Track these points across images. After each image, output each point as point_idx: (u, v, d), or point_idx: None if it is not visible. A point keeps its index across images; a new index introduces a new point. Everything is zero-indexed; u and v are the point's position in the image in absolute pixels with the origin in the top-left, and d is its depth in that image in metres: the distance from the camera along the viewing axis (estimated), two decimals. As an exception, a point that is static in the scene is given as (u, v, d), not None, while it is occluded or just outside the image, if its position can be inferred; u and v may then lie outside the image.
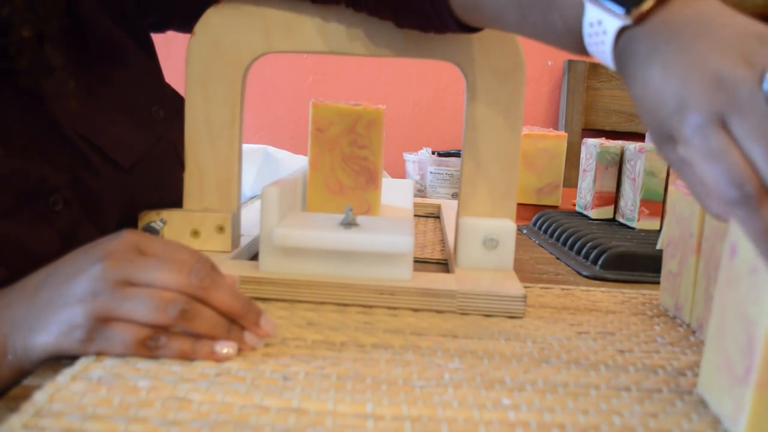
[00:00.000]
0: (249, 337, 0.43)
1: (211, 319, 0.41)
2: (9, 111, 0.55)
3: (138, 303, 0.40)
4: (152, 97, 0.67)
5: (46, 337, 0.40)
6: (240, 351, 0.43)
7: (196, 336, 0.41)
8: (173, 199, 0.65)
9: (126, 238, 0.43)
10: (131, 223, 0.62)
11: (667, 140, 0.37)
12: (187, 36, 0.62)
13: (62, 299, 0.41)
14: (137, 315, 0.40)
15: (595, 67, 1.91)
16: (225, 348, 0.42)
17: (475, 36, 0.59)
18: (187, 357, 0.41)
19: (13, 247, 0.53)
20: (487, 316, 0.53)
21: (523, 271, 0.68)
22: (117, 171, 0.61)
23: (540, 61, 1.97)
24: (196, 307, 0.41)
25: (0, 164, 0.52)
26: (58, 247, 0.54)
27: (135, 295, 0.40)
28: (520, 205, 0.98)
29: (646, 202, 0.84)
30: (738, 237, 0.37)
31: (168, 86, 0.72)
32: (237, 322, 0.43)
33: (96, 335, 0.40)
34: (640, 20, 0.39)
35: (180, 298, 0.41)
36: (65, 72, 0.58)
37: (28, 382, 0.38)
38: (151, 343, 0.41)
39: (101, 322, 0.40)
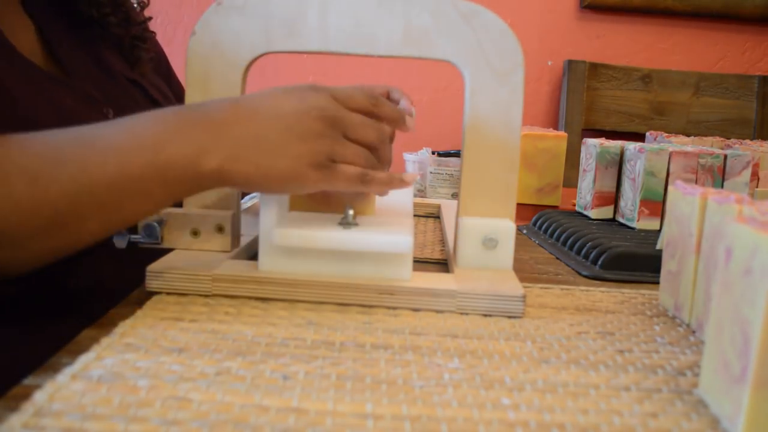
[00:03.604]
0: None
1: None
2: (79, 56, 0.72)
3: (356, 150, 0.53)
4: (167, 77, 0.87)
5: (284, 163, 0.50)
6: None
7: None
8: None
9: (319, 91, 0.53)
10: None
11: None
12: (187, 36, 0.62)
13: (296, 134, 0.51)
14: (357, 159, 0.53)
15: (595, 67, 1.91)
16: (409, 175, 0.56)
17: (475, 36, 0.59)
18: (386, 186, 0.54)
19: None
20: (486, 315, 0.53)
21: (522, 271, 0.68)
22: (154, 106, 0.70)
23: (540, 61, 1.97)
24: (386, 150, 0.57)
25: (64, 81, 0.67)
26: None
27: (350, 146, 0.53)
28: (520, 205, 0.98)
29: (646, 202, 0.84)
30: (733, 240, 0.38)
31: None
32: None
33: (326, 170, 0.51)
34: None
35: (377, 153, 0.55)
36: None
37: (28, 381, 0.38)
38: (365, 177, 0.53)
39: (330, 160, 0.52)
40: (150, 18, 0.85)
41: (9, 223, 0.45)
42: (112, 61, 0.76)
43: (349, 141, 0.53)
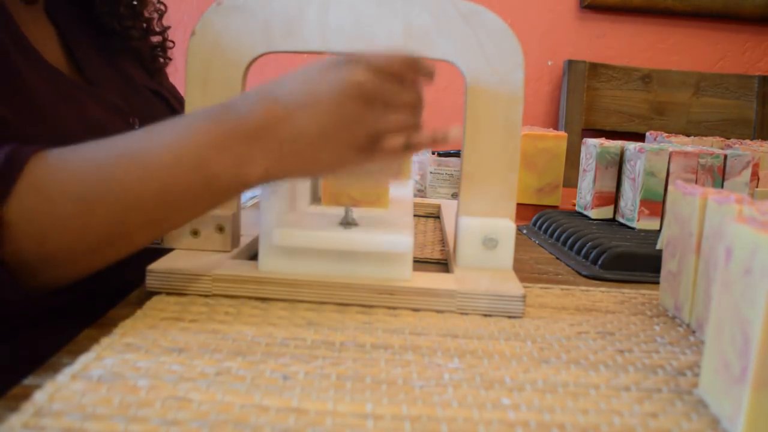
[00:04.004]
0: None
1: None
2: (102, 65, 0.72)
3: (393, 120, 0.50)
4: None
5: (327, 154, 0.49)
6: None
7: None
8: None
9: (359, 67, 0.50)
10: None
11: None
12: (187, 36, 0.62)
13: (335, 121, 0.49)
14: (400, 128, 0.50)
15: (595, 67, 1.91)
16: (454, 130, 0.52)
17: (475, 36, 0.59)
18: (430, 146, 0.52)
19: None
20: (486, 315, 0.53)
21: (522, 271, 0.68)
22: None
23: (540, 61, 1.96)
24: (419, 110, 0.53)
25: (89, 90, 0.67)
26: None
27: (391, 112, 0.50)
28: (520, 205, 0.98)
29: (646, 202, 0.84)
30: (733, 240, 0.38)
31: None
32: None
33: (370, 150, 0.50)
34: None
35: (417, 111, 0.52)
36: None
37: (28, 381, 0.38)
38: (410, 144, 0.50)
39: (373, 139, 0.50)
40: (169, 27, 0.85)
41: (59, 246, 0.47)
42: (132, 71, 0.77)
43: (390, 110, 0.51)
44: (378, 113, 0.50)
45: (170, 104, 0.80)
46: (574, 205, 0.96)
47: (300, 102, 0.49)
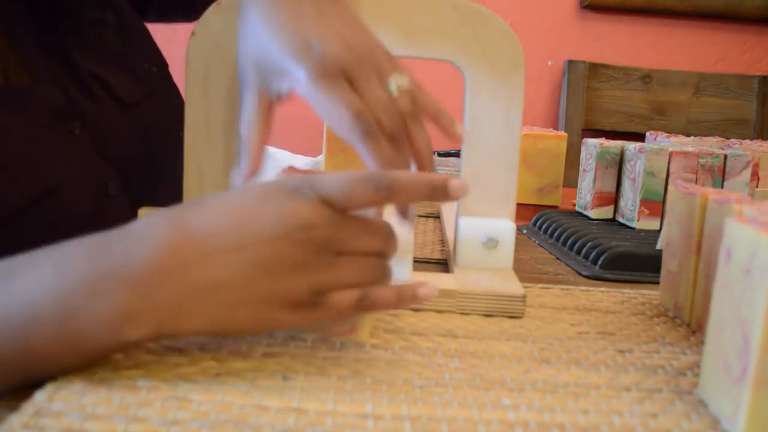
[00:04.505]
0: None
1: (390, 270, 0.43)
2: (31, 46, 0.61)
3: (347, 271, 0.40)
4: (146, 55, 0.76)
5: (246, 312, 0.39)
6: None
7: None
8: (163, 150, 0.71)
9: (298, 187, 0.39)
10: (134, 164, 0.68)
11: (278, 74, 0.48)
12: (187, 36, 0.62)
13: (266, 269, 0.38)
14: (355, 280, 0.40)
15: (595, 67, 1.91)
16: (425, 289, 0.42)
17: (475, 36, 0.59)
18: (393, 306, 0.41)
19: (41, 168, 0.57)
20: (486, 316, 0.53)
21: (522, 271, 0.68)
22: (121, 109, 0.68)
23: (540, 61, 1.97)
24: (384, 262, 0.42)
25: (31, 90, 0.58)
26: (77, 171, 0.60)
27: (343, 264, 0.40)
28: (520, 205, 0.98)
29: (646, 202, 0.84)
30: (732, 240, 0.38)
31: (156, 47, 0.80)
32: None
33: (308, 308, 0.39)
34: None
35: (378, 260, 0.41)
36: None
37: (28, 381, 0.38)
38: (364, 303, 0.40)
39: (319, 295, 0.39)
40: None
41: None
42: (76, 54, 0.66)
43: (345, 257, 0.40)
44: (326, 262, 0.39)
45: (118, 96, 0.68)
46: (574, 205, 0.96)
47: (221, 243, 0.38)
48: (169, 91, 0.79)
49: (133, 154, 0.69)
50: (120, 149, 0.67)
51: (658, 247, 0.71)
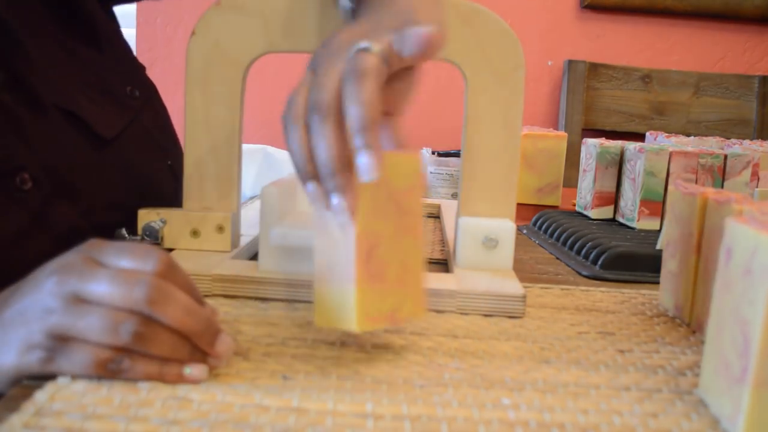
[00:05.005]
0: (210, 359, 0.39)
1: (169, 340, 0.38)
2: (64, 65, 0.58)
3: (90, 323, 0.37)
4: (128, 77, 0.70)
5: (6, 357, 0.37)
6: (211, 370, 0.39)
7: (165, 358, 0.38)
8: (146, 181, 0.67)
9: (81, 247, 0.40)
10: (107, 204, 0.62)
11: None
12: (187, 36, 0.62)
13: (21, 317, 0.38)
14: (92, 336, 0.37)
15: (595, 67, 1.91)
16: (195, 370, 0.38)
17: (475, 36, 0.59)
18: (154, 380, 0.38)
19: None
20: (486, 315, 0.53)
21: (522, 271, 0.68)
22: (96, 145, 0.62)
23: (540, 61, 1.97)
24: (151, 328, 0.37)
25: None
26: (28, 227, 0.54)
27: (87, 313, 0.37)
28: (520, 205, 0.98)
29: (646, 202, 0.84)
30: (733, 240, 0.38)
31: (140, 67, 0.75)
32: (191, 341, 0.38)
33: (56, 354, 0.37)
34: None
35: (131, 319, 0.37)
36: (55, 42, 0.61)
37: (28, 381, 0.38)
38: (112, 366, 0.37)
39: (60, 340, 0.37)
40: None
41: None
42: (84, 51, 0.64)
43: (94, 308, 0.37)
44: (77, 310, 0.37)
45: (119, 99, 0.67)
46: (574, 205, 0.96)
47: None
48: (154, 115, 0.72)
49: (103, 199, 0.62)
50: (87, 194, 0.60)
51: (658, 247, 0.71)
